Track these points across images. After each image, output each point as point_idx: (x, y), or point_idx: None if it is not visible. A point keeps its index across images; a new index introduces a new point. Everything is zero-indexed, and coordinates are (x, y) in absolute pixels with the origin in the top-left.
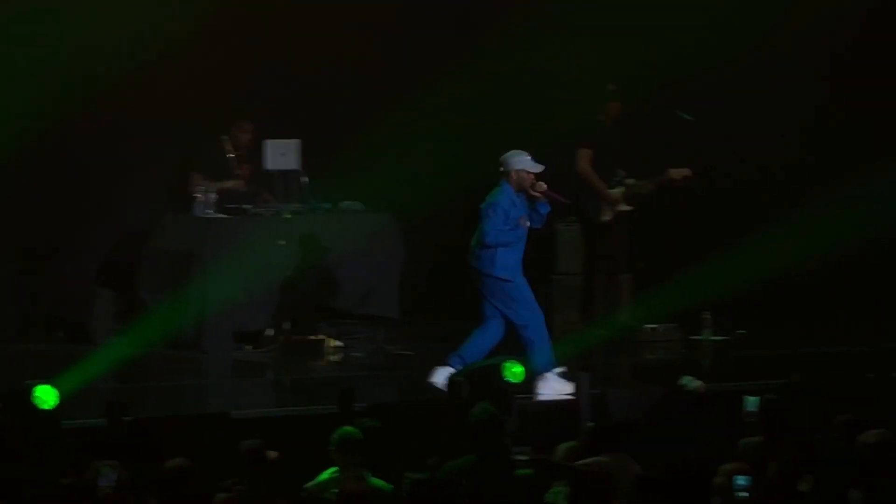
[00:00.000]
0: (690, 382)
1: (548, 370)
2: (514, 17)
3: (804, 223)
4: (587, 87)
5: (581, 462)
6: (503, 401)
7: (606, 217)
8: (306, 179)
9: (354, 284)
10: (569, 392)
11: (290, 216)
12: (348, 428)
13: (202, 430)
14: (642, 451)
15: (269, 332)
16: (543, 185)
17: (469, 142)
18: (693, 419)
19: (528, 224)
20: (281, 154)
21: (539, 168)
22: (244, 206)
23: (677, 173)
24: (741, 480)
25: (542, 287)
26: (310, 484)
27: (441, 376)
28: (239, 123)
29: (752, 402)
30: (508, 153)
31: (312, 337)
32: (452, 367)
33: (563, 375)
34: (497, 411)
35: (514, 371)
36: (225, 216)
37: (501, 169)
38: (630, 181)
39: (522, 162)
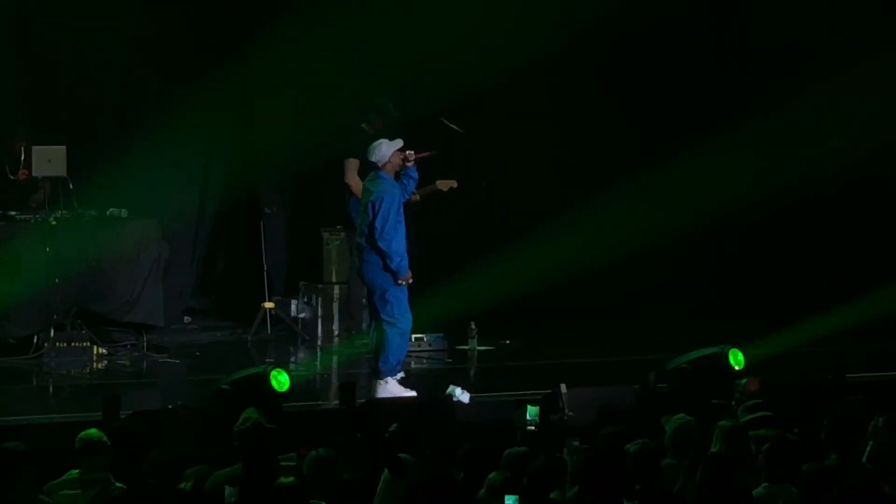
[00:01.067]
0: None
1: (391, 374)
2: (281, 25)
3: (567, 232)
4: (356, 97)
5: None
6: (270, 408)
7: None
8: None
9: (120, 291)
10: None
11: (55, 222)
12: (91, 431)
13: None
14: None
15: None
16: (412, 153)
17: (237, 147)
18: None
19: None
20: (47, 161)
21: (400, 143)
22: (10, 213)
23: (444, 184)
24: (509, 501)
25: (309, 296)
26: (49, 484)
27: (383, 389)
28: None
29: (532, 411)
30: (371, 149)
31: (77, 344)
32: (385, 375)
33: (403, 382)
34: (262, 419)
35: (280, 379)
36: None
37: (373, 166)
38: None
39: (389, 146)
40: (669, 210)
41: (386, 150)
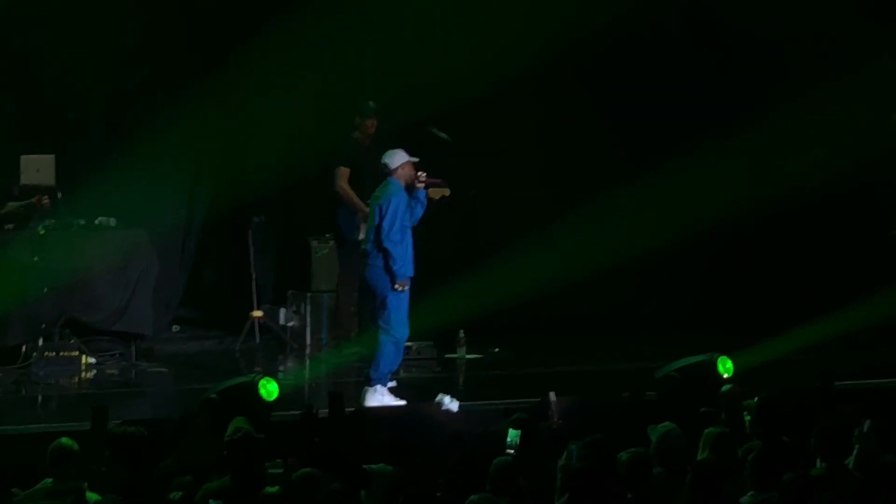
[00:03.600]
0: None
1: (382, 382)
2: (269, 35)
3: (556, 242)
4: (344, 105)
5: None
6: (258, 418)
7: (363, 235)
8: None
9: (108, 301)
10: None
11: (43, 231)
12: (64, 440)
13: None
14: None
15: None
16: (424, 174)
17: (224, 158)
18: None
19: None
20: (36, 170)
21: (416, 159)
22: None
23: (436, 192)
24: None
25: (298, 304)
26: (20, 495)
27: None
28: None
29: (512, 434)
30: (388, 154)
31: (66, 353)
32: (375, 383)
33: (394, 391)
34: (250, 429)
35: (269, 389)
36: None
37: (386, 170)
38: None
39: (404, 155)
40: (658, 219)
41: (400, 157)
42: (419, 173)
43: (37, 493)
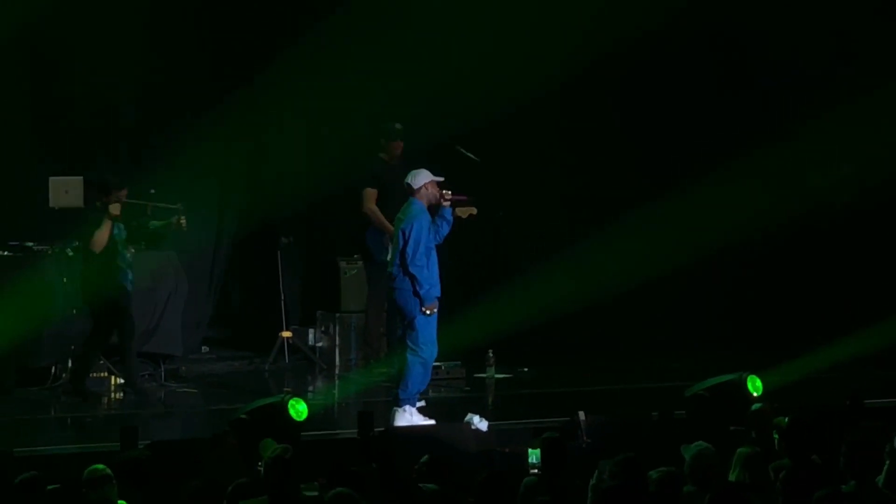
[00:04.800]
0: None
1: (410, 403)
2: (295, 56)
3: (584, 260)
4: (371, 126)
5: None
6: (288, 438)
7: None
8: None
9: (137, 321)
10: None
11: (72, 253)
12: (98, 466)
13: None
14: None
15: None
16: (449, 192)
17: (252, 178)
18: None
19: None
20: (65, 192)
21: (441, 178)
22: (27, 244)
23: (463, 211)
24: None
25: (327, 324)
26: None
27: (401, 417)
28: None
29: (533, 454)
30: (411, 174)
31: (95, 374)
32: (404, 403)
33: (422, 410)
34: (287, 450)
35: (299, 409)
36: (7, 253)
37: (409, 190)
38: None
39: (428, 175)
40: (684, 238)
41: (423, 177)
42: (444, 192)
43: None
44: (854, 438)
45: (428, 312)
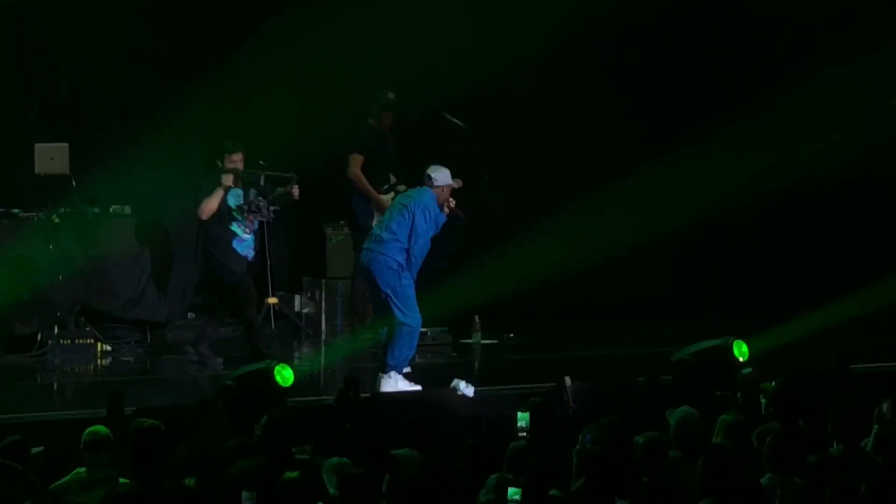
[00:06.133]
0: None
1: (398, 370)
2: (282, 21)
3: (571, 226)
4: (358, 92)
5: None
6: (274, 403)
7: (376, 222)
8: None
9: (123, 288)
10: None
11: (58, 220)
12: (98, 427)
13: None
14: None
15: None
16: (454, 202)
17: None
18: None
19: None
20: (50, 158)
21: (459, 183)
22: (13, 210)
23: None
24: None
25: (313, 291)
26: (55, 484)
27: (387, 383)
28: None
29: (522, 417)
30: (435, 168)
31: (81, 341)
32: (390, 369)
33: (409, 376)
34: (281, 414)
35: (284, 375)
36: None
37: (428, 181)
38: (402, 187)
39: (448, 178)
40: (672, 204)
41: (445, 177)
42: (451, 200)
43: (72, 483)
44: (842, 403)
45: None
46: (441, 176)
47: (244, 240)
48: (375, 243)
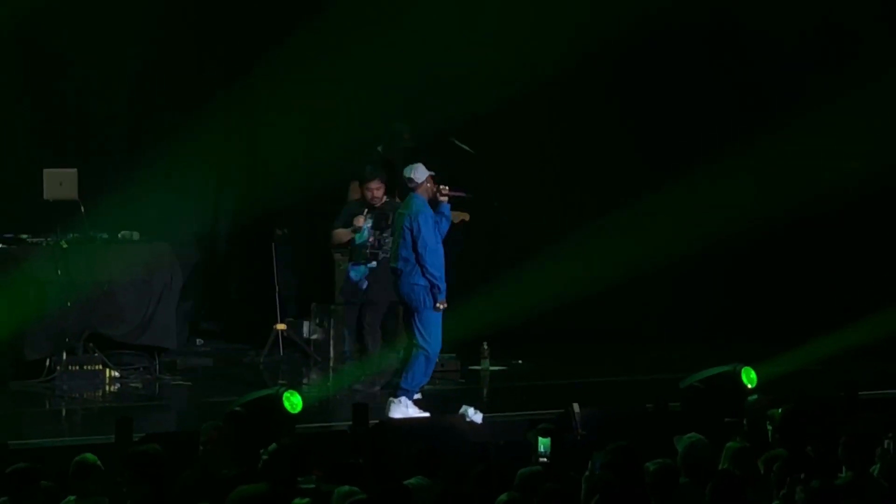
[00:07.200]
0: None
1: (409, 395)
2: (291, 47)
3: (579, 252)
4: (366, 118)
5: None
6: (284, 430)
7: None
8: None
9: (132, 314)
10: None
11: (66, 245)
12: (87, 455)
13: None
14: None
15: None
16: (446, 187)
17: (248, 170)
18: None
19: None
20: (59, 183)
21: (432, 172)
22: (21, 236)
23: (456, 216)
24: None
25: (321, 317)
26: None
27: (397, 409)
28: None
29: (543, 443)
30: (409, 168)
31: (89, 367)
32: (402, 394)
33: (418, 403)
34: (290, 442)
35: (293, 401)
36: (2, 245)
37: (411, 184)
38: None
39: (424, 170)
40: (679, 229)
41: (422, 171)
42: (441, 186)
43: None
44: (852, 430)
45: (441, 307)
46: (418, 173)
47: (360, 268)
48: (398, 275)
